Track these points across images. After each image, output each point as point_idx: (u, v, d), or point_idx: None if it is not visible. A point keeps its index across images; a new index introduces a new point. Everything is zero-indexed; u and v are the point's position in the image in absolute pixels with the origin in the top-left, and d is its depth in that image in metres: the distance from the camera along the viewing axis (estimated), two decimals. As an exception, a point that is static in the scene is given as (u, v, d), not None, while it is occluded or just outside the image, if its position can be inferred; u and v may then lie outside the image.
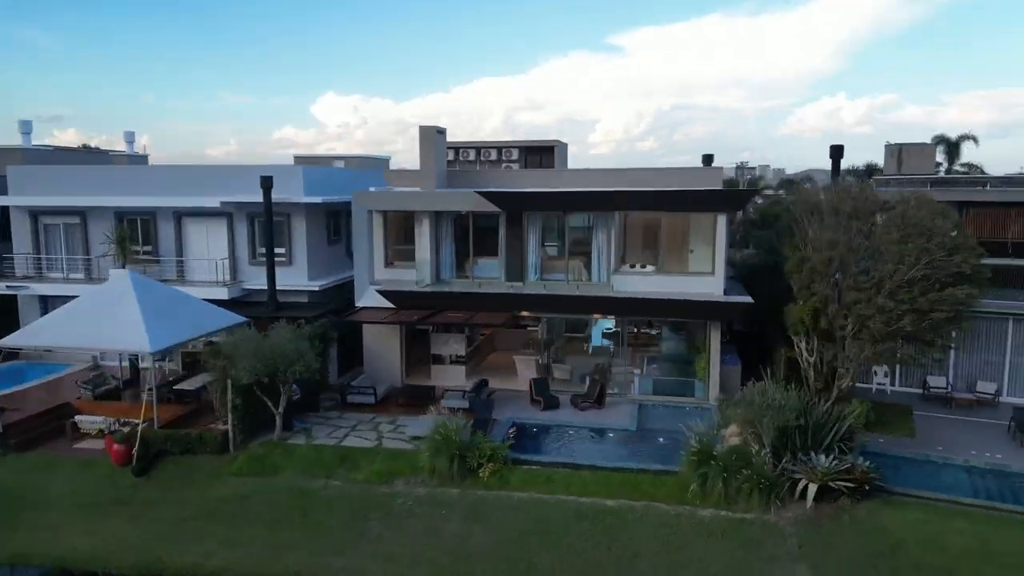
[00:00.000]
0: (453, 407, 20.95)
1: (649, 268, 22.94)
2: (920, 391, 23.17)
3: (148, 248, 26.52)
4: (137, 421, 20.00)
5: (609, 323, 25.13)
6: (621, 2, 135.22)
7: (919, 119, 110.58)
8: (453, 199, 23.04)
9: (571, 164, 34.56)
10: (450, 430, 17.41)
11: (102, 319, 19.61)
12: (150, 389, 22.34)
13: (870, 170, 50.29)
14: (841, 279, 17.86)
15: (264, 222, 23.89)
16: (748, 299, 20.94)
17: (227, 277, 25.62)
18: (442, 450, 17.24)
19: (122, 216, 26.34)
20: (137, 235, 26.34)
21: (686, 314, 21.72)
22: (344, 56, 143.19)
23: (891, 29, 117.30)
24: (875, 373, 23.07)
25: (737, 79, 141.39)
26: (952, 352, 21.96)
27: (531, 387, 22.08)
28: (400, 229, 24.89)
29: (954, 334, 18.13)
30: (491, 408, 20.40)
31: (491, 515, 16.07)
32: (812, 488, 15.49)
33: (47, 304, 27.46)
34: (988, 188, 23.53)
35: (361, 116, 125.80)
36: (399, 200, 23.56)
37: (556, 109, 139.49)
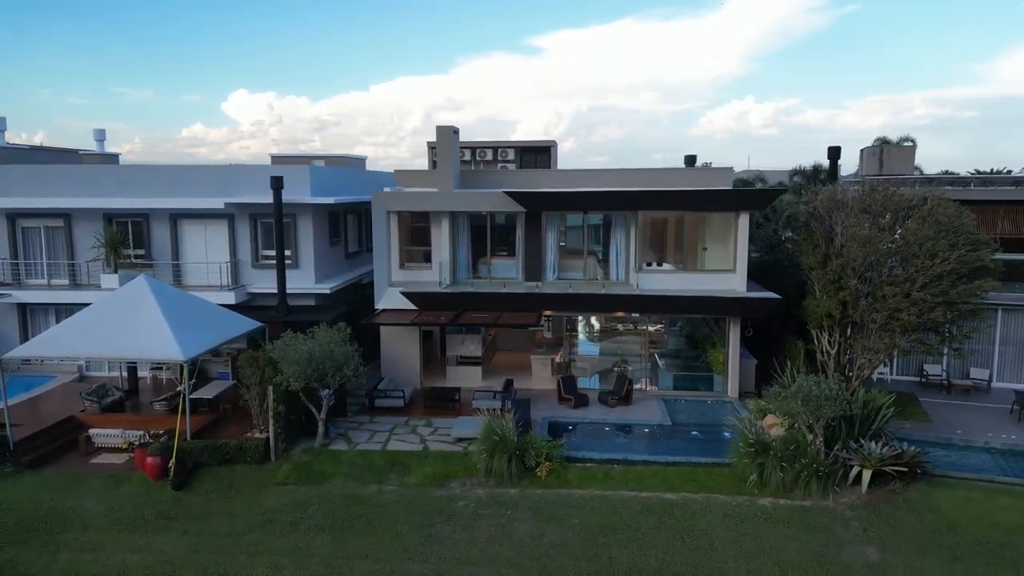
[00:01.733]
0: (486, 407, 20.94)
1: (667, 266, 23.48)
2: (917, 379, 24.57)
3: (140, 252, 25.33)
4: (161, 432, 19.24)
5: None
6: (539, 5, 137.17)
7: (820, 122, 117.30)
8: (475, 199, 22.95)
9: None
10: (507, 430, 17.40)
11: (124, 327, 18.71)
12: (163, 399, 21.56)
13: (815, 170, 52.99)
14: (875, 274, 18.74)
15: (275, 224, 23.15)
16: (774, 295, 21.69)
17: (228, 281, 24.76)
18: (498, 451, 17.20)
19: (111, 218, 25.08)
20: (128, 238, 25.12)
21: (712, 311, 22.32)
22: (257, 53, 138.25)
23: (793, 36, 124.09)
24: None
25: (650, 82, 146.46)
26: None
27: (559, 386, 22.23)
28: (412, 230, 24.65)
29: (980, 324, 19.24)
30: (529, 408, 20.42)
31: (557, 513, 16.13)
32: (867, 474, 16.25)
33: (26, 312, 25.89)
34: (972, 187, 25.09)
35: (276, 114, 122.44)
36: (420, 200, 23.29)
37: (476, 109, 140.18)
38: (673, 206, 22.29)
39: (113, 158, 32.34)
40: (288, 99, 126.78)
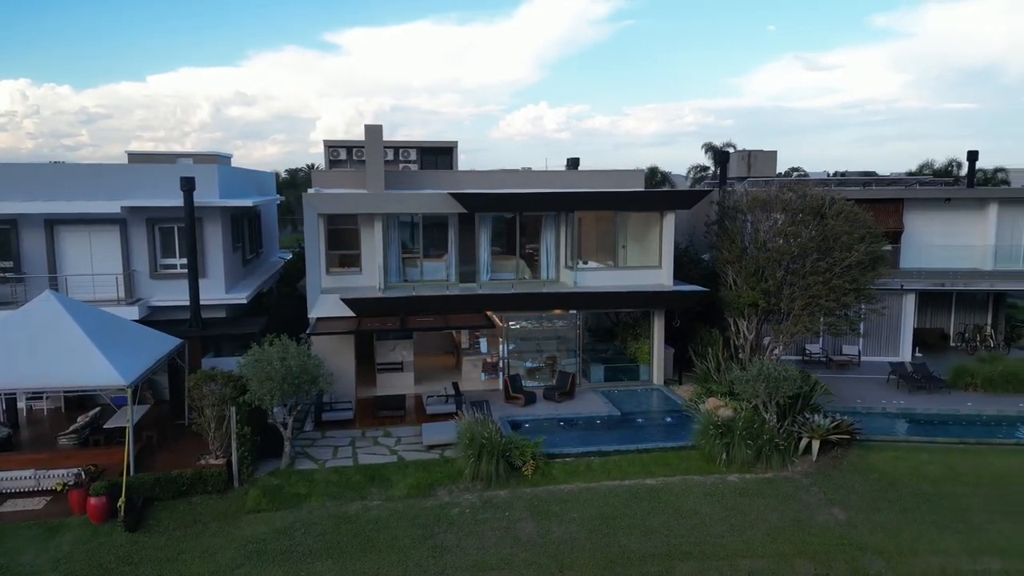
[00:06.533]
0: (439, 412, 20.68)
1: (594, 264, 24.47)
2: (800, 357, 27.64)
3: (7, 264, 21.91)
4: (81, 468, 16.92)
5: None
6: (333, 0, 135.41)
7: (606, 127, 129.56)
8: (415, 201, 22.41)
9: (294, 162, 34.86)
10: (493, 432, 17.36)
11: (44, 352, 16.27)
12: (71, 432, 18.95)
13: (652, 172, 58.10)
14: (799, 265, 20.93)
15: (187, 229, 21.08)
16: (702, 288, 23.41)
17: (123, 294, 22.13)
18: (484, 454, 17.12)
19: (-34, 226, 21.46)
20: (-11, 249, 21.65)
21: (646, 304, 23.56)
22: (4, 34, 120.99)
23: (579, 46, 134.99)
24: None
25: (450, 84, 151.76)
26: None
27: (506, 385, 22.40)
28: (330, 233, 23.44)
29: (881, 307, 22.08)
30: (490, 408, 20.40)
31: (554, 510, 16.38)
32: (816, 444, 18.22)
33: None
34: (833, 187, 28.61)
35: (31, 104, 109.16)
36: (356, 203, 22.27)
37: (271, 104, 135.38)
38: (611, 206, 23.30)
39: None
40: (46, 87, 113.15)
